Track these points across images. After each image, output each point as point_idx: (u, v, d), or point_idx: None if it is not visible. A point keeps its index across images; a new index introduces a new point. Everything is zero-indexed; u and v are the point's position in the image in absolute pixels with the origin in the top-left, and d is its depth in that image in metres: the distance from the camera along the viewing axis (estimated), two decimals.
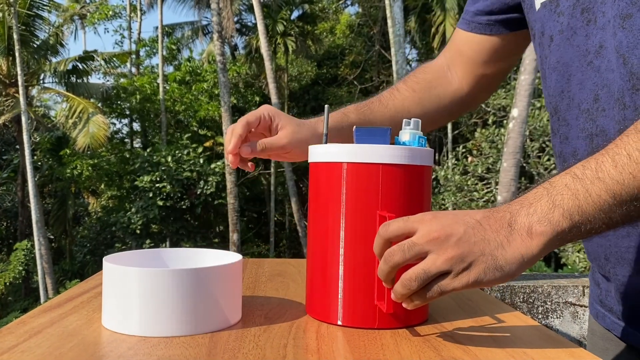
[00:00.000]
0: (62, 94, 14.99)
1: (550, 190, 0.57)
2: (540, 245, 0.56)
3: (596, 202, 0.55)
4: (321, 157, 0.69)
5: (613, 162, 0.55)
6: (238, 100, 17.28)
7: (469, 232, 0.56)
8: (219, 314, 0.65)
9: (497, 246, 0.56)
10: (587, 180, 0.56)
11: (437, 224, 0.57)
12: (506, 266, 0.56)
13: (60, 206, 15.87)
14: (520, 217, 0.57)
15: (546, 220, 0.56)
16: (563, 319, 1.60)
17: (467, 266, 0.56)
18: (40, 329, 0.64)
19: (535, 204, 0.57)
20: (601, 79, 0.69)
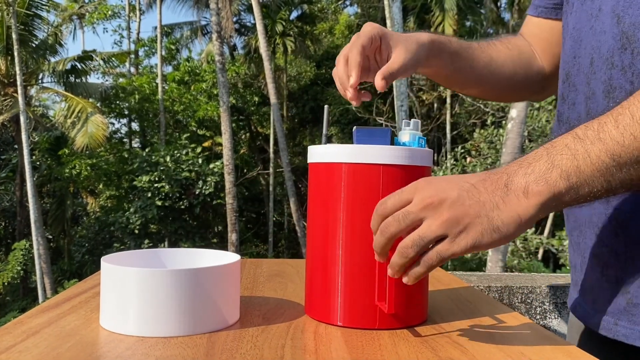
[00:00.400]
0: (61, 94, 14.98)
1: (550, 150, 0.56)
2: (537, 205, 0.55)
3: (595, 163, 0.54)
4: (321, 158, 0.69)
5: (615, 122, 0.54)
6: (237, 100, 17.27)
7: (463, 195, 0.56)
8: (217, 314, 0.65)
9: (492, 207, 0.55)
10: (587, 140, 0.54)
11: (431, 190, 0.56)
12: (503, 227, 0.55)
13: (59, 206, 15.85)
14: (517, 177, 0.56)
15: (543, 180, 0.55)
16: (561, 319, 1.60)
17: (463, 229, 0.55)
18: (38, 329, 0.64)
19: (534, 164, 0.56)
20: (596, 42, 0.69)
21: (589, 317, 0.74)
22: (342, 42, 18.91)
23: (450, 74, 0.87)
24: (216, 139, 17.28)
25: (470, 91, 0.96)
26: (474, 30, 15.68)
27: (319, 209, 0.69)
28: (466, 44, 0.88)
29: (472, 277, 1.71)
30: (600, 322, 0.70)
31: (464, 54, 0.86)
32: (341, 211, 0.67)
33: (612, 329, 0.69)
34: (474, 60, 0.87)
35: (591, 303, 0.74)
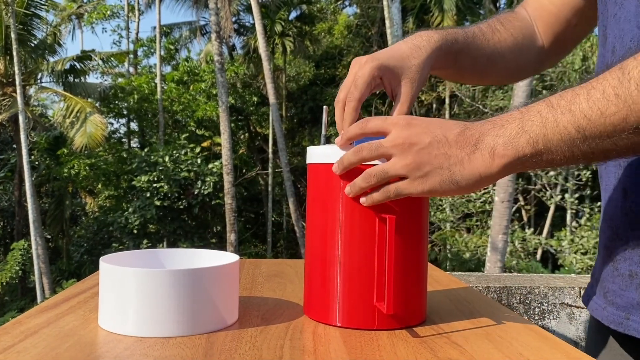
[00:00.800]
0: (60, 94, 14.97)
1: (524, 114, 0.58)
2: (500, 167, 0.58)
3: (562, 133, 0.55)
4: (320, 159, 0.69)
5: (587, 95, 0.55)
6: (236, 100, 17.27)
7: (433, 144, 0.60)
8: (215, 314, 0.65)
9: (456, 162, 0.59)
10: (559, 110, 0.56)
11: (406, 132, 0.61)
12: (462, 181, 0.59)
13: (57, 206, 15.84)
14: (488, 137, 0.59)
15: (511, 144, 0.57)
16: (559, 320, 1.60)
17: (423, 175, 0.60)
18: (37, 329, 0.64)
19: (506, 127, 0.58)
20: (619, 30, 0.68)
21: (600, 310, 0.73)
22: (341, 42, 18.93)
23: (452, 72, 0.86)
24: (215, 139, 17.28)
25: (470, 81, 0.95)
26: None
27: (318, 210, 0.69)
28: (471, 35, 0.85)
29: (470, 277, 1.71)
30: (611, 316, 0.70)
31: (468, 51, 0.84)
32: (340, 212, 0.67)
33: (624, 323, 0.68)
34: (478, 55, 0.86)
35: (603, 296, 0.73)
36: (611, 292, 0.71)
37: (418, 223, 0.68)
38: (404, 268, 0.67)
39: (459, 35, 0.82)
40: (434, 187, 0.60)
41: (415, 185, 0.60)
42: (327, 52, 18.83)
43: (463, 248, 11.42)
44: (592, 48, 11.40)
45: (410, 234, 0.67)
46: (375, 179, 0.62)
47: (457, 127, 0.61)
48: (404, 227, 0.66)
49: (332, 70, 18.76)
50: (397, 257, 0.66)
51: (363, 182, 0.63)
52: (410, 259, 0.67)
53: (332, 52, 18.80)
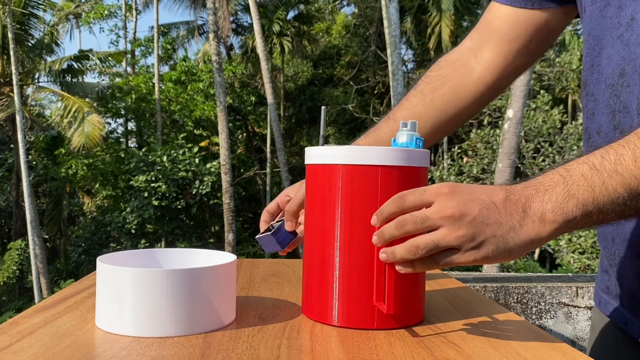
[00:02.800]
0: (57, 93, 14.94)
1: (566, 178, 0.58)
2: (551, 231, 0.57)
3: (612, 195, 0.56)
4: (318, 159, 0.69)
5: (633, 156, 0.55)
6: (234, 100, 17.25)
7: (484, 213, 0.57)
8: (212, 314, 0.65)
9: (509, 229, 0.57)
10: (605, 172, 0.56)
11: (453, 201, 0.58)
12: (515, 248, 0.57)
13: (55, 206, 15.81)
14: (535, 203, 0.58)
15: (560, 209, 0.57)
16: (556, 319, 1.61)
17: (477, 245, 0.57)
18: (33, 329, 0.64)
19: (550, 192, 0.58)
20: (629, 53, 0.67)
21: (629, 323, 0.73)
22: (339, 42, 18.93)
23: None
24: (213, 139, 17.26)
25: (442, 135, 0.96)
26: (470, 30, 15.70)
27: (317, 210, 0.69)
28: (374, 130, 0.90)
29: (468, 277, 1.71)
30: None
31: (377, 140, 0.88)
32: (339, 212, 0.67)
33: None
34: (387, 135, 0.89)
35: (631, 309, 0.73)
36: (618, 286, 0.70)
37: None
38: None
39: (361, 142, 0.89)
40: (486, 256, 0.57)
41: (467, 255, 0.57)
42: (325, 52, 18.83)
43: None
44: None
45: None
46: (424, 251, 0.58)
47: (501, 191, 0.59)
48: None
49: (330, 70, 18.76)
50: None
51: (407, 254, 0.59)
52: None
53: (330, 52, 18.80)
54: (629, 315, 0.74)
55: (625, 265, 0.73)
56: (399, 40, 8.78)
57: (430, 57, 16.04)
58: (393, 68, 8.74)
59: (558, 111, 10.86)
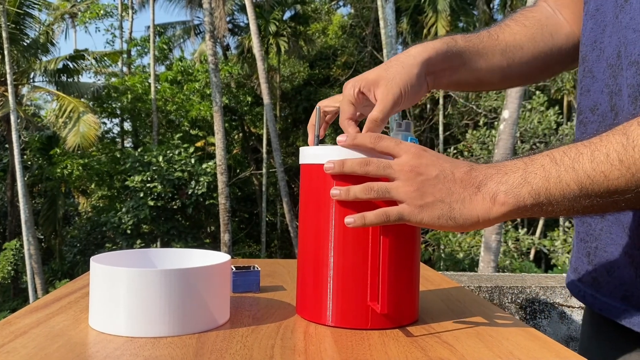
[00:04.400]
0: (53, 93, 14.89)
1: (527, 165, 0.60)
2: (499, 213, 0.60)
3: (564, 189, 0.57)
4: (312, 159, 0.69)
5: (591, 157, 0.57)
6: (230, 100, 17.23)
7: (439, 178, 0.61)
8: (206, 314, 0.65)
9: (458, 199, 0.60)
10: (562, 166, 0.58)
11: (416, 160, 0.62)
12: (460, 219, 0.60)
13: (50, 206, 15.75)
14: (491, 182, 0.60)
15: (513, 193, 0.59)
16: (551, 319, 1.61)
17: (423, 204, 0.61)
18: (26, 329, 0.63)
19: (510, 175, 0.60)
20: (622, 36, 0.67)
21: (622, 314, 0.72)
22: (336, 43, 18.93)
23: (467, 77, 0.81)
24: (209, 139, 17.24)
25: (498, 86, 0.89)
26: (466, 31, 15.74)
27: (311, 210, 0.69)
28: (474, 37, 0.81)
29: (462, 277, 1.72)
30: (632, 318, 0.69)
31: (475, 50, 0.80)
32: (333, 212, 0.67)
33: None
34: (487, 50, 0.82)
35: (621, 300, 0.72)
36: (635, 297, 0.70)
37: None
38: (397, 268, 0.67)
39: (458, 39, 0.79)
40: (431, 219, 0.61)
41: (414, 214, 0.61)
42: (322, 52, 18.83)
43: (457, 248, 11.45)
44: None
45: (403, 233, 0.67)
46: (376, 194, 0.62)
47: (465, 166, 0.62)
48: (396, 227, 0.66)
49: (326, 70, 18.76)
50: (391, 257, 0.66)
51: (362, 193, 0.63)
52: (403, 259, 0.67)
53: (326, 53, 18.80)
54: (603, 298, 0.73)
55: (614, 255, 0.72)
56: (395, 40, 8.79)
57: None
58: None
59: (553, 112, 10.89)
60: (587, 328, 0.81)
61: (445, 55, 0.76)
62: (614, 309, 0.71)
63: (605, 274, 0.73)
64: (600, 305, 0.73)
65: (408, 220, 0.61)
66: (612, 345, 0.74)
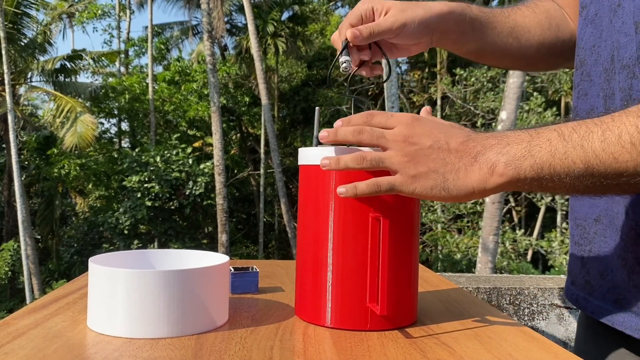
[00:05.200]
0: (50, 93, 14.86)
1: (533, 138, 0.58)
2: (496, 184, 0.58)
3: (569, 166, 0.56)
4: (311, 160, 0.69)
5: (602, 136, 0.55)
6: (228, 100, 17.22)
7: (433, 148, 0.59)
8: (205, 315, 0.64)
9: (452, 170, 0.59)
10: (570, 143, 0.56)
11: (409, 130, 0.60)
12: (454, 190, 0.59)
13: (47, 206, 15.72)
14: (490, 153, 0.58)
15: (514, 164, 0.57)
16: (549, 320, 1.61)
17: (416, 174, 0.59)
18: (24, 330, 0.63)
19: (512, 146, 0.58)
20: (616, 41, 0.67)
21: (614, 318, 0.72)
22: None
23: (472, 45, 0.83)
24: (207, 140, 17.22)
25: (498, 62, 0.90)
26: None
27: (310, 211, 0.69)
28: (489, 11, 0.83)
29: (461, 278, 1.72)
30: (625, 321, 0.70)
31: (486, 22, 0.82)
32: (332, 213, 0.67)
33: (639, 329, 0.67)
34: (497, 24, 0.83)
35: (613, 303, 0.72)
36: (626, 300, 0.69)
37: (409, 224, 0.68)
38: (396, 269, 0.67)
39: (473, 7, 0.81)
40: (424, 190, 0.59)
41: (407, 183, 0.59)
42: (320, 52, 18.82)
43: (454, 249, 11.46)
44: None
45: (401, 235, 0.67)
46: (368, 164, 0.60)
47: (461, 135, 0.60)
48: (395, 228, 0.66)
49: (324, 71, 18.76)
50: (390, 258, 0.66)
51: (353, 162, 0.61)
52: (402, 260, 0.67)
53: (324, 53, 18.79)
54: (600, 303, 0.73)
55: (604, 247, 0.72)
56: None
57: (424, 58, 16.08)
58: (387, 69, 8.75)
59: (551, 113, 10.91)
60: (582, 331, 0.81)
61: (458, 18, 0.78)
62: (606, 311, 0.71)
63: (598, 277, 0.73)
64: (593, 309, 0.73)
65: (400, 191, 0.60)
66: (606, 348, 0.74)
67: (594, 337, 0.77)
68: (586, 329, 0.80)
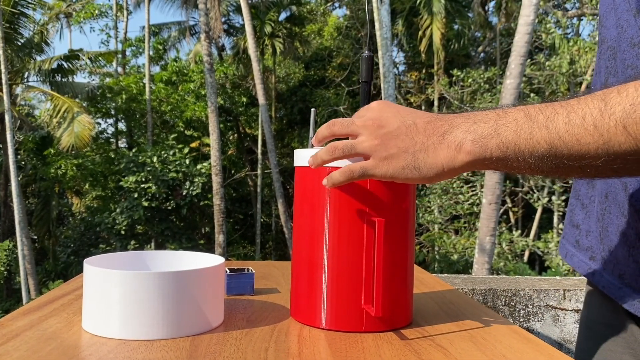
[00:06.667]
0: (47, 93, 14.82)
1: (500, 117, 0.59)
2: (464, 162, 0.59)
3: (534, 146, 0.57)
4: (307, 161, 0.69)
5: (567, 118, 0.56)
6: (225, 101, 17.21)
7: (402, 130, 0.61)
8: (200, 317, 0.64)
9: (421, 149, 0.60)
10: (535, 124, 0.57)
11: (377, 114, 0.63)
12: (424, 169, 0.60)
13: (44, 206, 15.68)
14: (457, 131, 0.59)
15: (480, 143, 0.58)
16: (544, 322, 1.62)
17: (387, 156, 0.61)
18: (19, 331, 0.63)
19: (479, 124, 0.59)
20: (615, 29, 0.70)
21: (614, 289, 0.73)
22: (331, 44, 18.94)
23: None
24: (204, 140, 17.20)
25: None
26: (461, 33, 15.78)
27: (305, 212, 0.69)
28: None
29: (456, 279, 1.72)
30: (624, 295, 0.70)
31: None
32: (327, 215, 0.67)
33: (636, 305, 0.68)
34: None
35: (616, 276, 0.72)
36: (627, 274, 0.71)
37: (405, 225, 0.68)
38: (391, 270, 0.67)
39: None
40: (396, 171, 0.60)
41: (379, 166, 0.61)
42: (317, 53, 18.82)
43: (451, 250, 11.47)
44: (579, 52, 11.51)
45: (397, 236, 0.67)
46: (341, 152, 0.63)
47: (427, 115, 0.62)
48: (391, 230, 0.66)
49: (321, 71, 18.76)
50: (385, 260, 0.66)
51: (326, 155, 0.64)
52: (397, 262, 0.68)
53: (321, 54, 18.79)
54: (604, 274, 0.74)
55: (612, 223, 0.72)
56: (390, 42, 8.80)
57: (422, 59, 16.09)
58: (384, 70, 8.76)
59: None
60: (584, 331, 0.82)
61: None
62: (613, 286, 0.72)
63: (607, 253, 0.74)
64: (604, 283, 0.74)
65: (373, 175, 0.61)
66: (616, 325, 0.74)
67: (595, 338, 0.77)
68: (588, 329, 0.80)
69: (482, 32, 16.87)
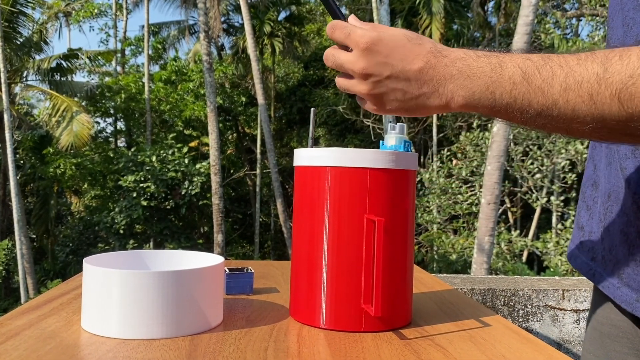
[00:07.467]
0: (46, 92, 14.81)
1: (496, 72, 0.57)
2: (454, 111, 0.61)
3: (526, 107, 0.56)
4: (306, 161, 0.69)
5: (564, 83, 0.54)
6: (224, 100, 17.20)
7: (391, 79, 0.61)
8: (199, 316, 0.64)
9: (412, 98, 0.61)
10: (532, 87, 0.56)
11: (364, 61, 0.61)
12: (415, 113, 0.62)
13: (43, 205, 15.66)
14: (450, 85, 0.59)
15: (472, 98, 0.58)
16: (543, 322, 1.62)
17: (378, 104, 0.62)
18: (18, 331, 0.63)
19: (473, 79, 0.58)
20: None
21: (613, 289, 0.72)
22: (330, 44, 18.92)
23: None
24: (203, 139, 17.20)
25: None
26: (460, 34, 15.79)
27: (305, 212, 0.69)
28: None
29: (455, 279, 1.72)
30: (623, 295, 0.70)
31: None
32: (327, 214, 0.67)
33: (633, 304, 0.68)
34: None
35: (616, 275, 0.72)
36: (625, 273, 0.71)
37: (404, 225, 0.68)
38: (390, 270, 0.67)
39: None
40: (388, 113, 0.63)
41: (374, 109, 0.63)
42: (316, 53, 18.82)
43: (450, 249, 11.48)
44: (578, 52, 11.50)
45: (396, 236, 0.67)
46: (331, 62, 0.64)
47: (419, 61, 0.60)
48: (390, 229, 0.66)
49: (320, 71, 18.76)
50: (385, 259, 0.66)
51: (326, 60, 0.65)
52: (396, 261, 0.68)
53: (321, 53, 18.77)
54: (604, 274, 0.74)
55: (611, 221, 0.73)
56: None
57: None
58: None
59: None
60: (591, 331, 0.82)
61: None
62: (612, 286, 0.72)
63: (608, 252, 0.74)
64: (604, 283, 0.74)
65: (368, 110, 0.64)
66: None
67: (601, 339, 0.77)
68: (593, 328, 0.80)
69: (481, 32, 16.87)
